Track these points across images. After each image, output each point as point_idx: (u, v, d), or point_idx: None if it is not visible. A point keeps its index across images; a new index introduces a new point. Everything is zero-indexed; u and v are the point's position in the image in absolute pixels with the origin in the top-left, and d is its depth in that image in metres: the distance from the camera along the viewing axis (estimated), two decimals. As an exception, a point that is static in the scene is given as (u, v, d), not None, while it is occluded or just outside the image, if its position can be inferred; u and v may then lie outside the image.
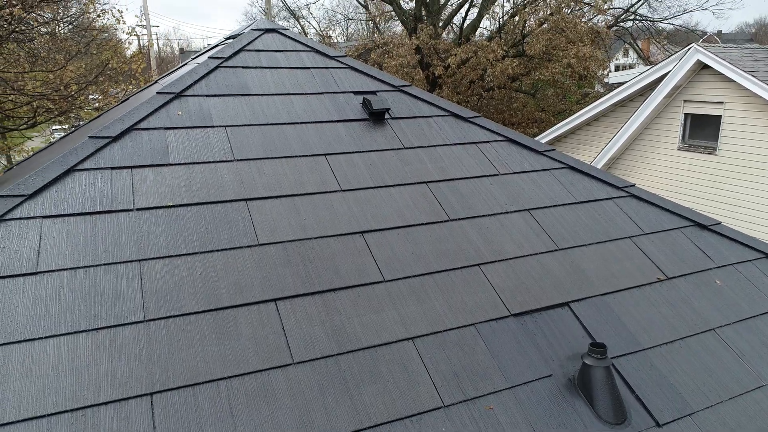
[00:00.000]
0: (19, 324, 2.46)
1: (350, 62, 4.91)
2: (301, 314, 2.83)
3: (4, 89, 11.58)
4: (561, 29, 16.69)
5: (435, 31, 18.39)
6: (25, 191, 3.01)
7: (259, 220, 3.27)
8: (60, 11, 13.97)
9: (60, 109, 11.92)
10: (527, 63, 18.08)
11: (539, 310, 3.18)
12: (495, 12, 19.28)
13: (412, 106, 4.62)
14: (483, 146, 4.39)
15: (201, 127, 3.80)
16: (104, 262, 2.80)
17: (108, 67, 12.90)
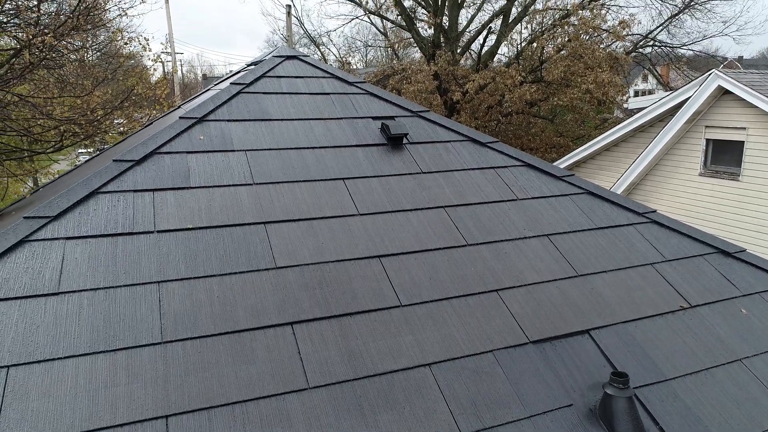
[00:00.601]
0: (40, 344, 2.49)
1: (369, 88, 4.97)
2: (317, 338, 2.82)
3: (34, 114, 11.93)
4: (579, 55, 16.73)
5: (453, 58, 18.57)
6: (49, 213, 3.07)
7: (277, 243, 3.29)
8: (89, 39, 14.45)
9: (86, 133, 12.22)
10: (545, 89, 18.11)
11: (559, 338, 3.13)
12: (513, 39, 19.44)
13: (430, 131, 4.64)
14: (501, 171, 4.38)
15: (222, 151, 3.87)
16: (124, 284, 2.83)
17: (133, 92, 13.24)
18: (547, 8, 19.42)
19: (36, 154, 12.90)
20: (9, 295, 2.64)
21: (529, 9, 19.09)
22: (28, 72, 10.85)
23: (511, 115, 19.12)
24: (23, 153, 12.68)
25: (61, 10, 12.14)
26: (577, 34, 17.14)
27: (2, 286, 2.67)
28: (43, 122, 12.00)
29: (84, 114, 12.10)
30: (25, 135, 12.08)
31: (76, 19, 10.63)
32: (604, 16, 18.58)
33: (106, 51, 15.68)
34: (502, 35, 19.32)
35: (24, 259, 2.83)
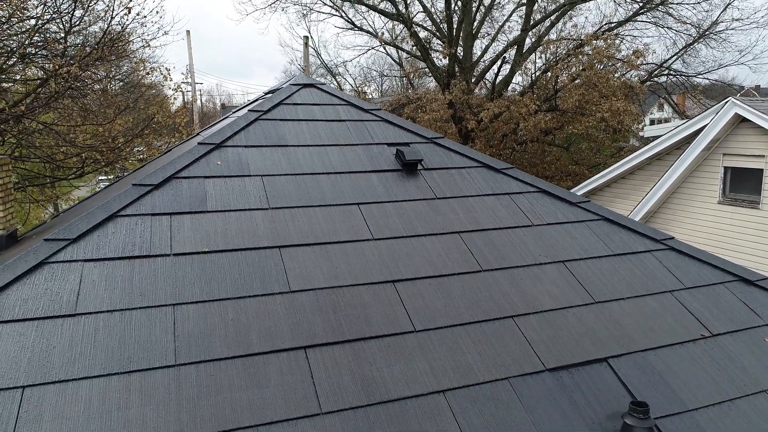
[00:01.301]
0: (55, 365, 2.50)
1: (384, 115, 5.03)
2: (331, 363, 2.80)
3: (57, 141, 12.24)
4: (594, 84, 16.79)
5: (468, 87, 18.75)
6: (69, 235, 3.13)
7: (291, 267, 3.30)
8: (113, 69, 14.87)
9: (107, 160, 12.49)
10: (560, 117, 18.14)
11: (576, 365, 3.07)
12: (527, 68, 19.60)
13: (445, 157, 4.67)
14: (516, 197, 4.37)
15: (238, 176, 3.92)
16: (140, 306, 2.85)
17: (154, 120, 13.55)
18: (561, 38, 19.62)
19: (58, 180, 13.19)
20: (27, 315, 2.68)
21: (542, 39, 19.29)
22: (53, 101, 11.18)
23: (526, 143, 19.14)
24: (46, 179, 12.95)
25: (86, 41, 12.56)
26: (591, 63, 17.23)
27: (21, 307, 2.71)
28: (65, 149, 12.30)
29: (105, 141, 12.39)
30: (48, 162, 12.37)
31: (101, 50, 10.97)
32: (618, 46, 18.70)
33: (129, 80, 16.11)
34: (516, 65, 19.49)
35: (43, 280, 2.87)
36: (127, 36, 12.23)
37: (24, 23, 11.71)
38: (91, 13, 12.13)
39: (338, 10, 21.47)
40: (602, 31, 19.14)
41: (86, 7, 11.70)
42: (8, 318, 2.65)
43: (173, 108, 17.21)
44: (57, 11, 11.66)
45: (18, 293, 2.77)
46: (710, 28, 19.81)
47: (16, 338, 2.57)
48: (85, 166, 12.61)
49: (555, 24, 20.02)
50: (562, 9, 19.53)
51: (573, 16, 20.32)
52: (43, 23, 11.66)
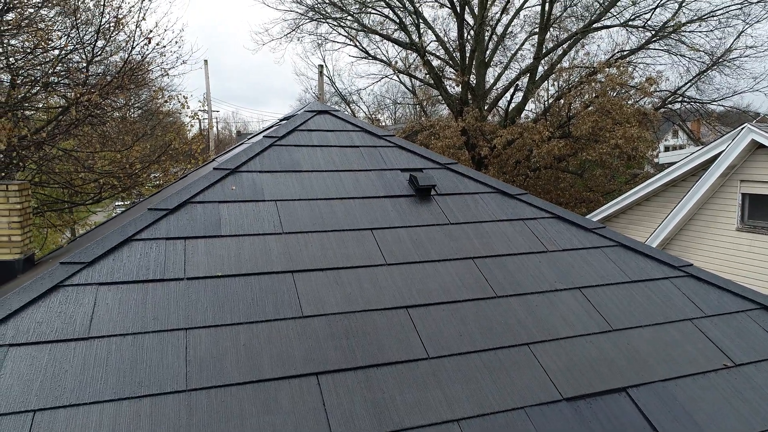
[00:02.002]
0: (67, 388, 2.49)
1: (397, 141, 5.06)
2: (343, 390, 2.75)
3: (76, 167, 12.46)
4: (607, 111, 16.79)
5: (481, 114, 18.85)
6: (85, 259, 3.15)
7: (304, 292, 3.28)
8: (132, 97, 15.20)
9: (124, 186, 12.67)
10: (573, 144, 18.12)
11: (594, 395, 2.99)
12: (540, 95, 19.70)
13: (458, 182, 4.66)
14: (530, 223, 4.34)
15: (253, 201, 3.94)
16: (152, 330, 2.85)
17: (170, 147, 13.76)
18: (573, 66, 19.74)
19: (76, 206, 13.37)
20: (41, 338, 2.68)
21: (555, 67, 19.42)
22: (73, 128, 11.42)
23: (540, 169, 19.11)
24: (64, 204, 13.15)
25: (107, 70, 12.87)
26: (604, 91, 17.27)
27: (35, 330, 2.72)
28: (84, 175, 12.51)
29: (123, 167, 12.59)
30: (67, 187, 12.58)
31: (121, 79, 11.24)
32: (630, 73, 18.74)
33: (147, 108, 16.45)
34: (529, 92, 19.59)
35: (58, 303, 2.88)
36: (147, 65, 12.53)
37: (48, 53, 12.07)
38: (113, 43, 12.48)
39: (352, 40, 21.87)
40: (615, 58, 19.24)
41: (108, 38, 12.04)
42: (22, 341, 2.65)
43: (190, 135, 17.49)
44: (80, 42, 12.01)
45: (32, 316, 2.78)
46: (724, 56, 19.81)
47: (28, 361, 2.57)
48: (103, 192, 12.79)
49: (567, 52, 20.17)
50: (575, 37, 19.70)
51: (585, 45, 20.47)
52: (66, 53, 12.00)
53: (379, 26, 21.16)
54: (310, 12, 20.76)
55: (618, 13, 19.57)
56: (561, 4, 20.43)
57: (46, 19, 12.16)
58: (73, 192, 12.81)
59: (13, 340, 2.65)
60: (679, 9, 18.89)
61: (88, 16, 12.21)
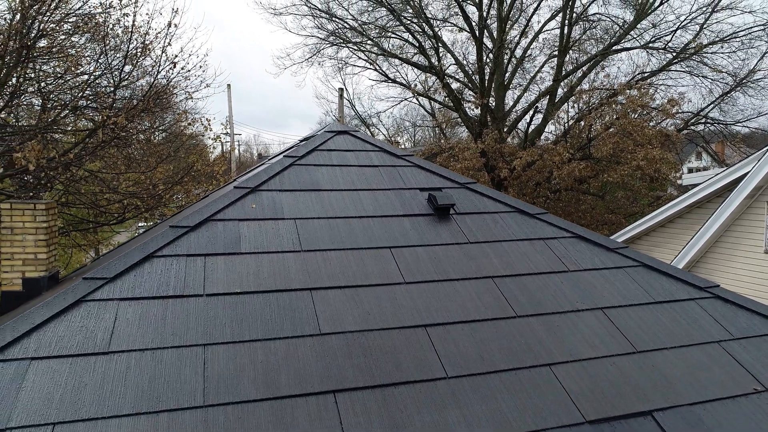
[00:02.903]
0: (86, 402, 2.50)
1: (416, 161, 5.07)
2: (360, 408, 2.72)
3: (102, 188, 12.73)
4: (628, 132, 16.66)
5: (500, 136, 18.85)
6: (107, 274, 3.19)
7: (322, 310, 3.28)
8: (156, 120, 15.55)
9: (147, 206, 12.88)
10: (594, 165, 17.97)
11: (618, 418, 2.90)
12: (560, 117, 19.64)
13: (478, 202, 4.65)
14: (551, 242, 4.29)
15: (272, 219, 3.97)
16: (171, 345, 2.86)
17: (193, 169, 13.99)
18: (593, 88, 19.69)
19: (100, 226, 13.63)
20: (62, 352, 2.71)
21: (575, 89, 19.39)
22: (100, 149, 11.71)
23: (560, 191, 18.96)
24: (89, 224, 13.41)
25: (134, 94, 13.21)
26: (624, 112, 17.16)
27: (57, 344, 2.75)
28: (109, 196, 12.78)
29: (147, 188, 12.83)
30: (92, 207, 12.84)
31: (147, 102, 11.52)
32: (652, 95, 18.62)
33: (171, 131, 16.80)
34: (548, 114, 19.56)
35: (80, 318, 2.92)
36: (172, 89, 12.83)
37: (77, 78, 12.46)
38: (140, 68, 12.83)
39: (372, 64, 22.14)
40: (635, 80, 19.15)
41: (135, 63, 12.38)
42: (44, 354, 2.69)
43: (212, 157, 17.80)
44: (108, 67, 12.38)
45: (54, 330, 2.82)
46: (747, 77, 19.58)
47: (50, 375, 2.60)
48: (126, 212, 13.02)
49: (587, 74, 20.14)
50: (594, 60, 19.69)
51: (605, 67, 20.43)
52: (95, 78, 12.37)
53: (398, 50, 21.42)
54: (331, 37, 21.13)
55: (638, 36, 19.54)
56: (580, 27, 20.50)
57: (77, 45, 12.58)
58: (98, 212, 13.07)
59: (35, 354, 2.68)
60: (700, 31, 18.80)
61: (116, 41, 12.60)
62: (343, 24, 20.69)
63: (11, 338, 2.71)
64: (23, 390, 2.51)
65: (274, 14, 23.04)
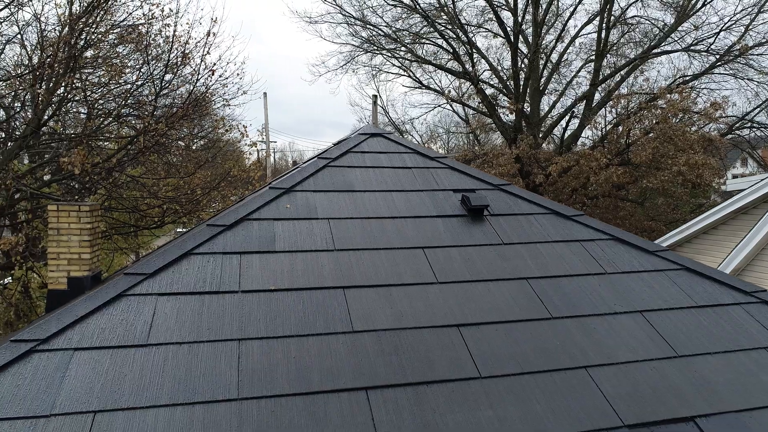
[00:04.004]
0: (125, 392, 2.57)
1: (450, 163, 5.05)
2: (392, 406, 2.71)
3: (142, 193, 13.12)
4: (669, 137, 16.20)
5: (535, 141, 18.60)
6: (146, 270, 3.28)
7: (355, 308, 3.28)
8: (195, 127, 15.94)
9: (185, 211, 13.20)
10: (633, 171, 17.53)
11: (659, 423, 2.81)
12: (597, 122, 19.26)
13: (512, 203, 4.59)
14: (587, 244, 4.20)
15: (306, 219, 4.01)
16: (207, 339, 2.91)
17: (230, 174, 14.28)
18: (632, 93, 19.26)
19: (140, 230, 14.02)
20: (104, 344, 2.79)
21: (612, 94, 19.00)
22: (141, 155, 12.07)
23: (597, 198, 18.56)
24: (130, 228, 13.80)
25: (173, 102, 13.58)
26: (665, 117, 16.70)
27: (99, 336, 2.83)
28: (149, 201, 13.15)
29: (186, 194, 13.15)
30: (133, 212, 13.23)
31: (186, 109, 11.83)
32: (694, 99, 18.08)
33: (209, 137, 17.20)
34: (585, 119, 19.20)
35: (120, 311, 3.00)
36: (210, 96, 13.14)
37: (121, 87, 12.90)
38: (179, 76, 13.19)
39: (406, 71, 22.21)
40: (676, 84, 18.65)
41: (175, 72, 12.74)
42: (86, 345, 2.77)
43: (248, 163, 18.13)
44: (150, 76, 12.77)
45: (96, 322, 2.91)
46: (796, 79, 18.82)
47: (91, 365, 2.68)
48: (166, 217, 13.37)
49: (625, 78, 19.72)
50: (633, 64, 19.27)
51: (644, 71, 19.97)
52: (137, 87, 12.78)
53: (432, 56, 21.44)
54: (365, 44, 21.30)
55: (679, 38, 19.05)
56: (618, 31, 20.11)
57: (120, 55, 13.03)
58: (138, 217, 13.45)
59: (78, 345, 2.77)
60: (745, 32, 18.20)
61: (157, 51, 12.99)
62: (377, 31, 20.85)
63: (56, 329, 2.81)
64: (66, 379, 2.60)
65: (310, 22, 23.31)
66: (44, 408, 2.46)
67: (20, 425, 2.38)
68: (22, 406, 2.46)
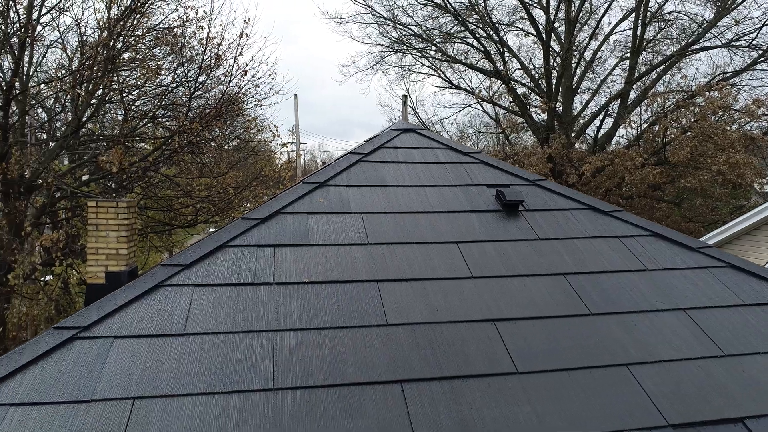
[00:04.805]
0: (163, 380, 2.60)
1: (483, 158, 4.98)
2: (427, 399, 2.67)
3: (176, 192, 13.37)
4: (708, 136, 15.72)
5: (568, 141, 18.29)
6: (183, 262, 3.32)
7: (388, 301, 3.26)
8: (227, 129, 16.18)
9: (218, 210, 13.40)
10: (670, 171, 17.07)
11: (705, 423, 2.70)
12: (632, 120, 18.83)
13: (548, 199, 4.50)
14: (626, 240, 4.08)
15: (339, 213, 4.01)
16: (242, 330, 2.93)
17: (261, 174, 14.45)
18: (669, 90, 18.76)
19: (174, 228, 14.29)
20: (142, 332, 2.83)
21: (648, 92, 18.54)
22: (175, 155, 12.31)
23: (633, 198, 18.11)
24: (164, 227, 14.08)
25: (207, 103, 13.82)
26: (704, 115, 16.20)
27: (137, 325, 2.88)
28: (183, 200, 13.40)
29: (218, 193, 13.36)
30: (167, 210, 13.50)
31: (219, 109, 12.01)
32: (734, 96, 17.50)
33: (241, 137, 17.44)
34: (620, 117, 18.79)
35: (158, 301, 3.04)
36: (243, 96, 13.31)
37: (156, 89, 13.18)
38: (213, 78, 13.40)
39: (436, 70, 22.11)
40: (716, 81, 18.07)
41: (209, 74, 12.95)
42: (126, 333, 2.82)
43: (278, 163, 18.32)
44: (184, 77, 13.02)
45: (135, 312, 2.95)
46: (844, 75, 18.04)
47: (131, 353, 2.72)
48: (199, 216, 13.60)
49: (662, 76, 19.24)
50: (670, 61, 18.77)
51: (682, 68, 19.45)
52: (171, 89, 13.04)
53: (462, 56, 21.29)
54: (395, 44, 21.29)
55: (719, 34, 18.46)
56: (654, 27, 19.62)
57: (156, 57, 13.31)
58: (172, 215, 13.72)
59: (118, 333, 2.81)
60: (789, 27, 17.53)
61: (192, 53, 13.23)
62: (407, 30, 20.81)
63: (96, 317, 2.87)
64: (107, 365, 2.64)
65: (340, 23, 23.37)
66: (85, 393, 2.50)
67: (62, 409, 2.43)
68: (64, 391, 2.51)
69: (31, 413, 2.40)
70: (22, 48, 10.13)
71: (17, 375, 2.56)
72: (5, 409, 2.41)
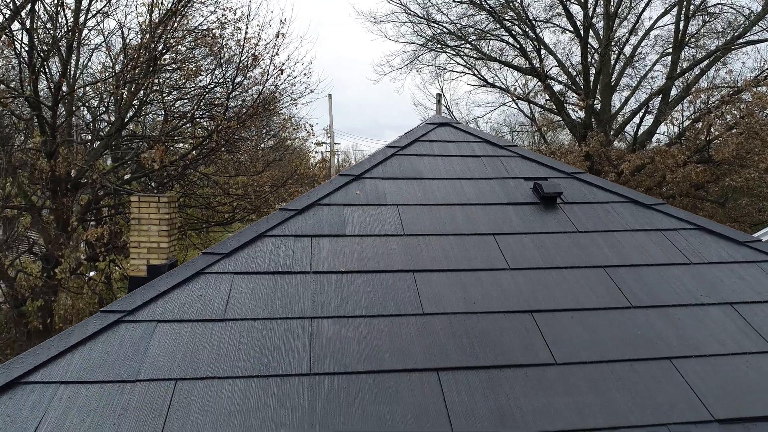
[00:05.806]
0: (204, 363, 2.66)
1: (520, 151, 4.93)
2: (464, 388, 2.66)
3: (214, 191, 13.67)
4: (755, 133, 15.14)
5: (606, 138, 17.89)
6: (223, 250, 3.39)
7: (424, 291, 3.26)
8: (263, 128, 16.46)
9: (253, 207, 13.65)
10: (714, 169, 16.52)
11: (754, 420, 2.61)
12: (674, 117, 18.29)
13: (586, 192, 4.42)
14: (669, 234, 3.97)
15: (375, 205, 4.02)
16: (280, 316, 2.97)
17: (296, 172, 14.64)
18: (713, 86, 18.15)
19: (212, 226, 14.61)
20: (184, 317, 2.91)
21: (691, 88, 17.97)
22: (213, 154, 12.58)
23: (674, 197, 17.58)
24: (202, 224, 14.42)
25: (244, 103, 14.08)
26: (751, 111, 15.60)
27: (179, 310, 2.95)
28: (220, 198, 13.69)
29: (255, 191, 13.59)
30: (206, 208, 13.81)
31: (256, 108, 12.22)
32: (784, 91, 16.79)
33: (277, 136, 17.72)
34: (661, 114, 18.27)
35: (199, 288, 3.11)
36: (279, 95, 13.50)
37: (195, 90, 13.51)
38: (249, 78, 13.65)
39: (471, 69, 21.95)
40: (764, 76, 17.40)
41: (246, 74, 13.19)
42: (168, 318, 2.89)
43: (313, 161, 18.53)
44: (222, 77, 13.30)
45: (177, 297, 3.03)
46: None
47: (173, 336, 2.79)
48: (235, 214, 13.86)
49: (706, 71, 18.61)
50: (714, 55, 18.16)
51: (727, 63, 18.78)
52: (208, 90, 13.34)
53: (497, 53, 21.07)
54: (429, 42, 21.22)
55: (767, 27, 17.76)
56: (697, 21, 19.02)
57: (195, 57, 13.63)
58: (210, 213, 14.03)
59: (161, 317, 2.90)
60: (843, 18, 16.74)
61: (229, 53, 13.49)
62: (442, 28, 20.72)
63: (141, 302, 2.96)
64: (150, 348, 2.72)
65: (374, 23, 23.45)
66: (130, 374, 2.58)
67: (109, 389, 2.51)
68: (110, 371, 2.59)
69: (80, 391, 2.49)
70: (69, 50, 10.52)
71: (67, 355, 2.66)
72: (56, 386, 2.51)
